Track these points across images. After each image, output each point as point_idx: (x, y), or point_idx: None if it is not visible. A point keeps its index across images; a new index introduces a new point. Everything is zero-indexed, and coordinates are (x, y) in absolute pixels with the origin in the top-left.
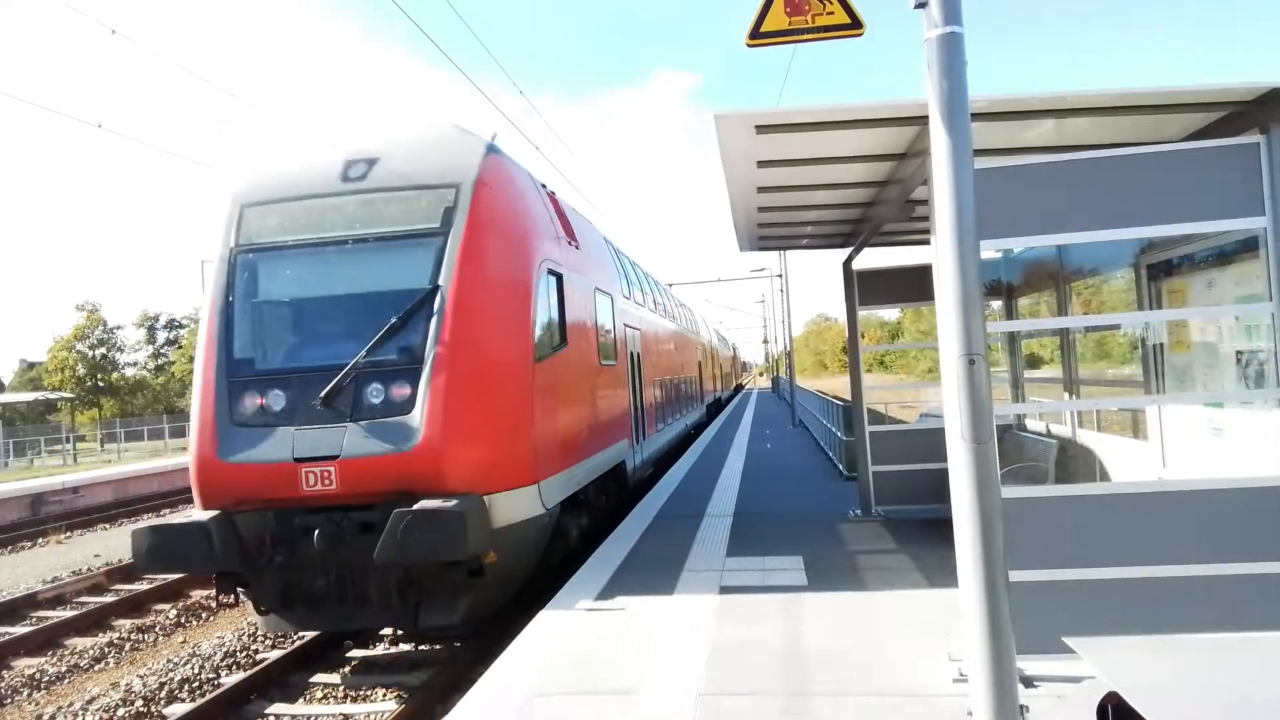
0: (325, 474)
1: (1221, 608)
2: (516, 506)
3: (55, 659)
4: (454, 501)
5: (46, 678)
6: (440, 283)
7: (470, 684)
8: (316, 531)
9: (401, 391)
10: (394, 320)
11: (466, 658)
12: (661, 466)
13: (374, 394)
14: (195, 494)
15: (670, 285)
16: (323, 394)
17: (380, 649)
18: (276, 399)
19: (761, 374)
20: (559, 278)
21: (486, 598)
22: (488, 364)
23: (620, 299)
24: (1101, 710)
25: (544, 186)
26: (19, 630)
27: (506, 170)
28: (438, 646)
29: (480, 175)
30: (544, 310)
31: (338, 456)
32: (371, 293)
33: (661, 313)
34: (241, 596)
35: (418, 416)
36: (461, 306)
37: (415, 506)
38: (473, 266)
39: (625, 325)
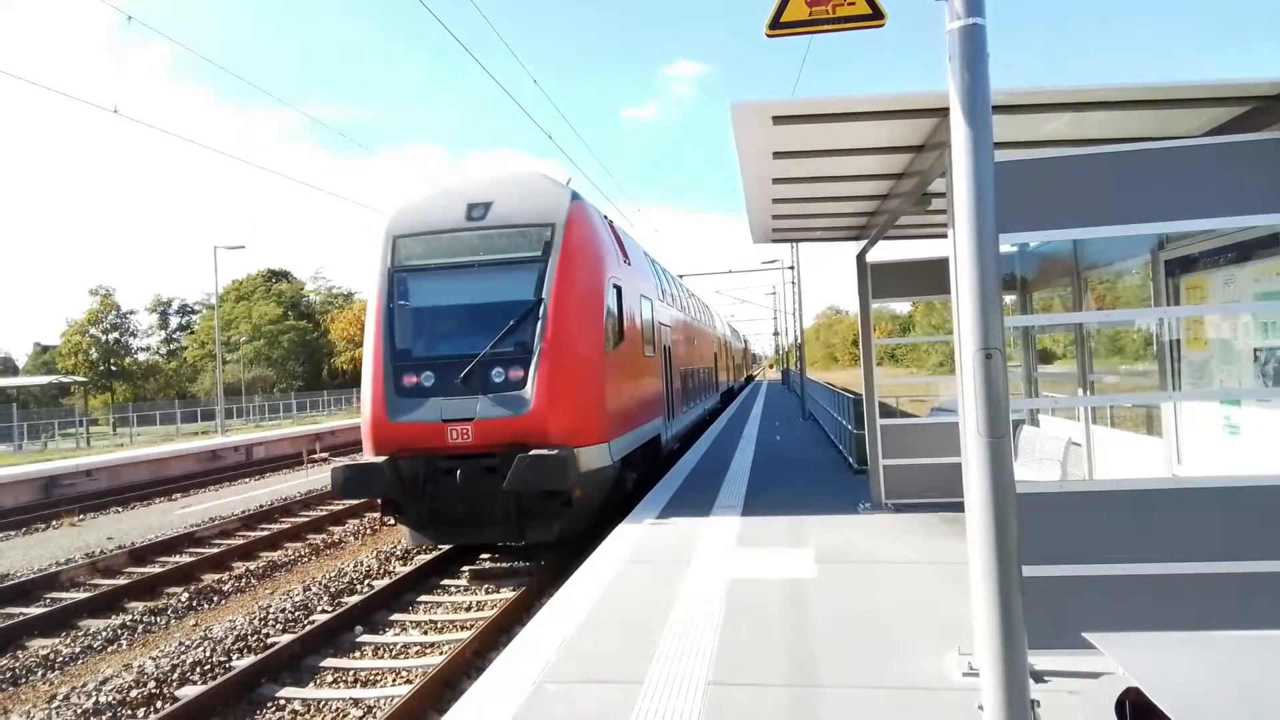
0: (464, 430)
1: (1237, 606)
2: (594, 457)
3: (69, 640)
4: (556, 450)
5: (60, 658)
6: (543, 296)
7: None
8: (459, 472)
9: (516, 373)
10: (511, 323)
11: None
12: (685, 444)
13: (497, 375)
14: (368, 444)
15: (682, 276)
16: (462, 374)
17: (390, 635)
18: (428, 378)
19: (771, 366)
20: (619, 290)
21: (572, 523)
22: (576, 355)
23: (656, 302)
24: (1120, 706)
25: (605, 218)
26: (34, 610)
27: (585, 211)
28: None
29: (569, 216)
30: (611, 315)
31: (473, 418)
32: (493, 302)
33: (685, 311)
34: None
35: (529, 391)
36: (558, 313)
37: (531, 452)
38: (565, 284)
39: (660, 323)
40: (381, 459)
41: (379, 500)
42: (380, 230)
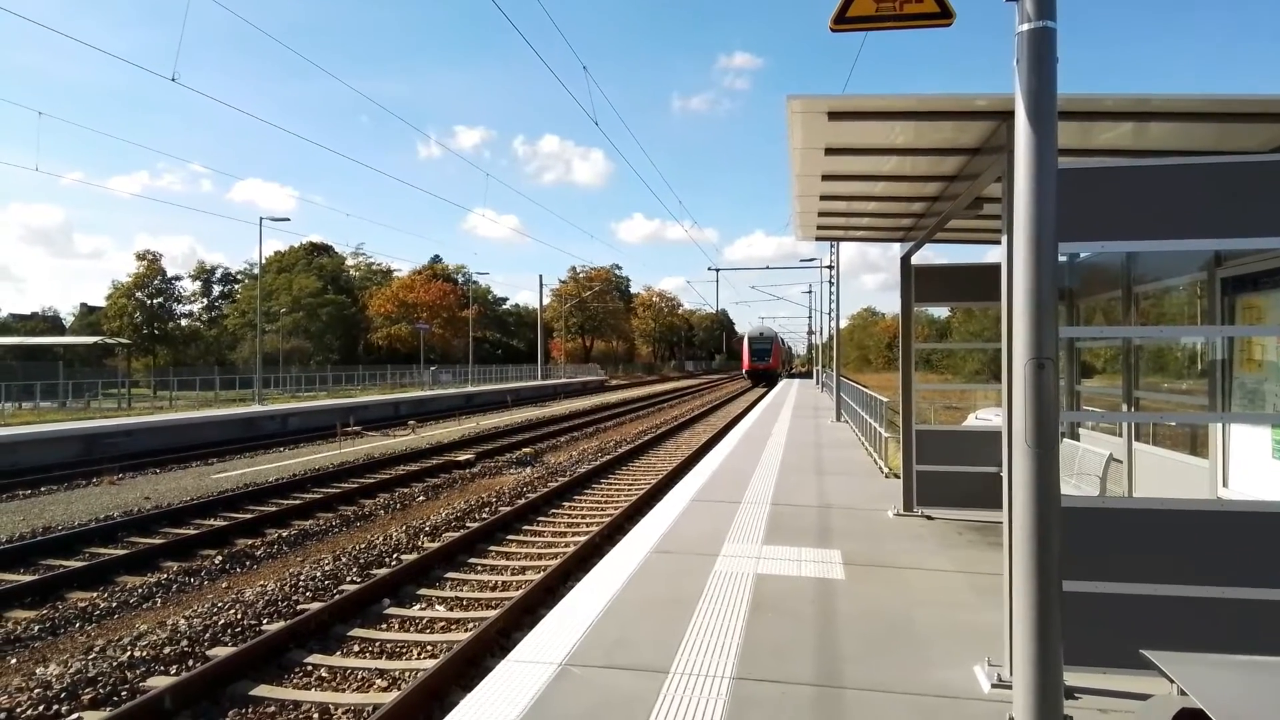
0: (765, 365)
1: None
2: (779, 372)
3: (106, 595)
4: (775, 369)
5: (98, 611)
6: (773, 346)
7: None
8: (759, 372)
9: (769, 356)
10: (770, 350)
11: None
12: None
13: (764, 355)
14: (745, 367)
15: (718, 271)
16: (760, 356)
17: (416, 609)
18: (756, 355)
19: (803, 366)
20: (780, 344)
21: (777, 384)
22: (777, 355)
23: (781, 345)
24: None
25: (777, 332)
26: (73, 564)
27: (776, 333)
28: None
29: (777, 336)
30: (785, 347)
31: (763, 364)
32: (766, 348)
33: (780, 341)
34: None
35: (771, 359)
36: (774, 349)
37: (771, 369)
38: (774, 346)
39: (780, 347)
40: (748, 370)
41: (748, 376)
42: (745, 334)
